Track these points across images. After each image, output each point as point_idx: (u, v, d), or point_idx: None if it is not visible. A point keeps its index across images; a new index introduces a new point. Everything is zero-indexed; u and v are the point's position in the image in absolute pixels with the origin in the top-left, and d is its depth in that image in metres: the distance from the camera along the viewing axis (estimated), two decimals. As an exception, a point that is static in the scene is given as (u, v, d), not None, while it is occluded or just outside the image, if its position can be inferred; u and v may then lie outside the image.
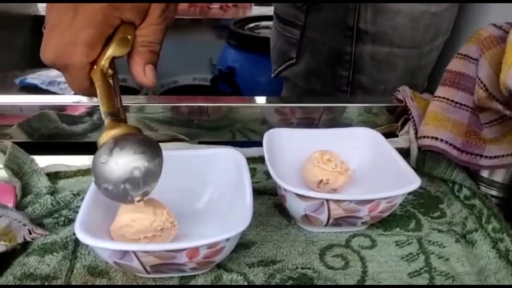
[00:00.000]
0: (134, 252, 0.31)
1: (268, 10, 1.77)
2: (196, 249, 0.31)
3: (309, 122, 0.56)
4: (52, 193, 0.43)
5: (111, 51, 0.33)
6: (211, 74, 1.68)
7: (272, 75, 0.79)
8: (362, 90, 0.67)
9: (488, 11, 0.65)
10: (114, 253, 0.31)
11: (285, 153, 0.45)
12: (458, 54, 0.47)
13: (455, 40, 0.69)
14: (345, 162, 0.44)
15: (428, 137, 0.45)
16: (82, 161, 0.49)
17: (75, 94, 0.37)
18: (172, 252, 0.31)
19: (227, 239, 0.32)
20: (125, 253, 0.31)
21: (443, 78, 0.48)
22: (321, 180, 0.43)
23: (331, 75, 0.68)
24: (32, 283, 0.34)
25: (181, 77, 1.77)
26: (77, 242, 0.38)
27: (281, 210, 0.44)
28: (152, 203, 0.35)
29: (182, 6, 1.72)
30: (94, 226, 0.33)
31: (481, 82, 0.42)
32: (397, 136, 0.54)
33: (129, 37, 0.34)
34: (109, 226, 0.36)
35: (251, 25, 1.42)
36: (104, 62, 0.33)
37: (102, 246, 0.31)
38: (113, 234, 0.35)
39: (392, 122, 0.57)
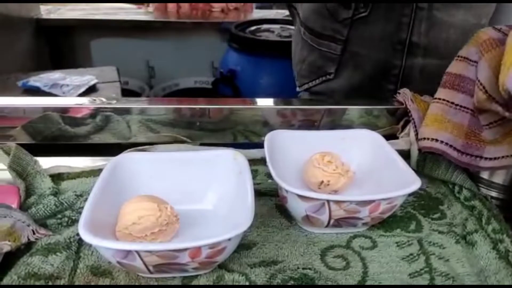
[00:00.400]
0: (137, 252, 0.31)
1: (269, 13, 1.78)
2: (198, 248, 0.32)
3: (310, 124, 0.56)
4: (56, 194, 0.43)
5: None
6: (212, 77, 1.69)
7: (298, 89, 0.77)
8: None
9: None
10: (117, 252, 0.32)
11: (286, 154, 0.46)
12: (458, 56, 0.48)
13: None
14: (346, 164, 0.44)
15: (428, 138, 0.46)
16: (85, 162, 0.50)
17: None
18: (174, 252, 0.31)
19: (229, 239, 0.32)
20: (128, 252, 0.31)
21: (443, 80, 0.48)
22: (322, 182, 0.43)
23: (376, 89, 0.67)
24: (36, 283, 0.34)
25: (182, 80, 1.78)
26: (80, 243, 0.38)
27: (282, 211, 0.44)
28: (154, 199, 0.36)
29: (184, 9, 1.73)
30: (97, 226, 0.33)
31: (481, 84, 0.42)
32: (397, 138, 0.55)
33: None
34: (112, 226, 0.36)
35: (252, 28, 1.43)
36: None
37: (106, 246, 0.31)
38: (118, 234, 0.35)
39: (392, 124, 0.57)
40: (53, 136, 0.52)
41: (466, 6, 0.61)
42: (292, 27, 1.44)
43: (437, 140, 0.45)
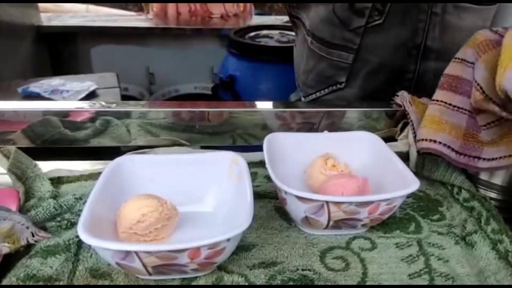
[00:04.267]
0: (136, 253, 0.31)
1: (268, 19, 1.79)
2: (197, 249, 0.32)
3: (309, 127, 0.56)
4: (55, 197, 0.43)
5: None
6: (212, 83, 1.70)
7: (303, 99, 0.76)
8: None
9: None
10: (116, 253, 0.32)
11: (285, 156, 0.46)
12: (456, 58, 0.48)
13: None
14: (347, 165, 0.44)
15: (426, 139, 0.46)
16: (84, 166, 0.50)
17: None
18: (173, 253, 0.31)
19: (228, 240, 0.32)
20: (127, 253, 0.31)
21: (441, 82, 0.48)
22: (322, 184, 0.43)
23: (389, 95, 0.65)
24: (35, 285, 0.34)
25: (182, 86, 1.79)
26: (79, 245, 0.38)
27: (282, 213, 0.44)
28: (153, 196, 0.37)
29: (184, 15, 1.74)
30: (96, 227, 0.33)
31: (478, 84, 0.42)
32: (396, 140, 0.55)
33: None
34: (112, 227, 0.36)
35: (252, 34, 1.44)
36: None
37: (105, 247, 0.31)
38: (123, 235, 0.36)
39: (391, 126, 0.57)
40: (52, 140, 0.53)
41: (474, 9, 0.61)
42: (291, 33, 1.45)
43: (435, 141, 0.45)
